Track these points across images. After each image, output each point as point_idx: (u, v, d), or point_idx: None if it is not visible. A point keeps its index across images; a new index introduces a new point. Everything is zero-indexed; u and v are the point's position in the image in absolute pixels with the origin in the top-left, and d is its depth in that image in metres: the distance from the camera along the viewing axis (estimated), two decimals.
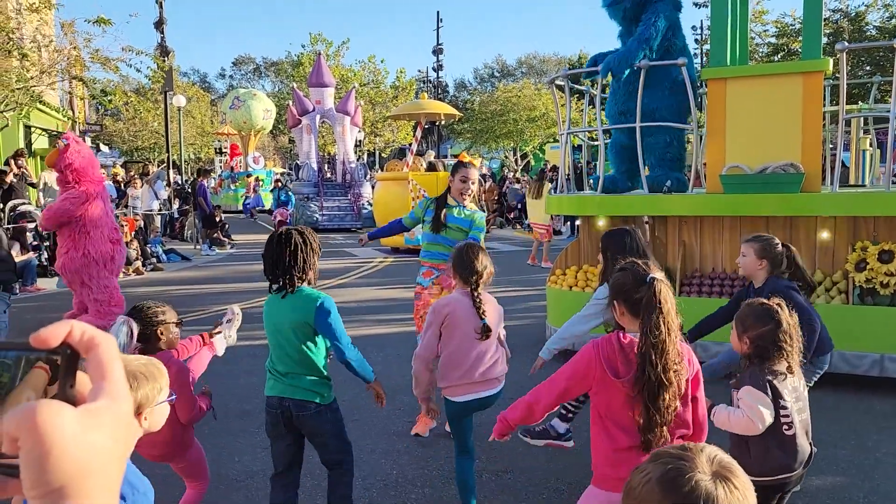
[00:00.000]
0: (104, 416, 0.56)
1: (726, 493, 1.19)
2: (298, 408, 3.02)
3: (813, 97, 5.80)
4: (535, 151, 37.72)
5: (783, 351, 2.65)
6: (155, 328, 2.99)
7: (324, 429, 3.07)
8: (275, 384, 3.10)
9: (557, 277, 6.96)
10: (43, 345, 0.57)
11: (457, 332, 3.31)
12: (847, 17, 22.48)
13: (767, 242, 3.78)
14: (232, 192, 30.36)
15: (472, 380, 3.34)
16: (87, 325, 0.59)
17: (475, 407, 3.43)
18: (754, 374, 2.65)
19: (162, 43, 24.23)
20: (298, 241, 3.01)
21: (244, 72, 66.63)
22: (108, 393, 0.58)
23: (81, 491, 0.52)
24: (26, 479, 0.52)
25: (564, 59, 57.93)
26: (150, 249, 13.98)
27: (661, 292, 2.21)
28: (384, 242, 15.79)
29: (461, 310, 3.31)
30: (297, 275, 3.01)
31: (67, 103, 26.28)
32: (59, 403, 0.54)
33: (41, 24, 14.74)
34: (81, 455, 0.53)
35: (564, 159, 7.18)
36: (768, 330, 2.67)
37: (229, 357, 6.91)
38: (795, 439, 2.70)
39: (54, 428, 0.52)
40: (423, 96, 22.07)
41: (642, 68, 6.13)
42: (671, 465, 1.24)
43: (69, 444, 0.53)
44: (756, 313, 2.73)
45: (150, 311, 3.02)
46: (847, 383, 5.54)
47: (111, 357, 0.59)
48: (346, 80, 32.83)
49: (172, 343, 3.09)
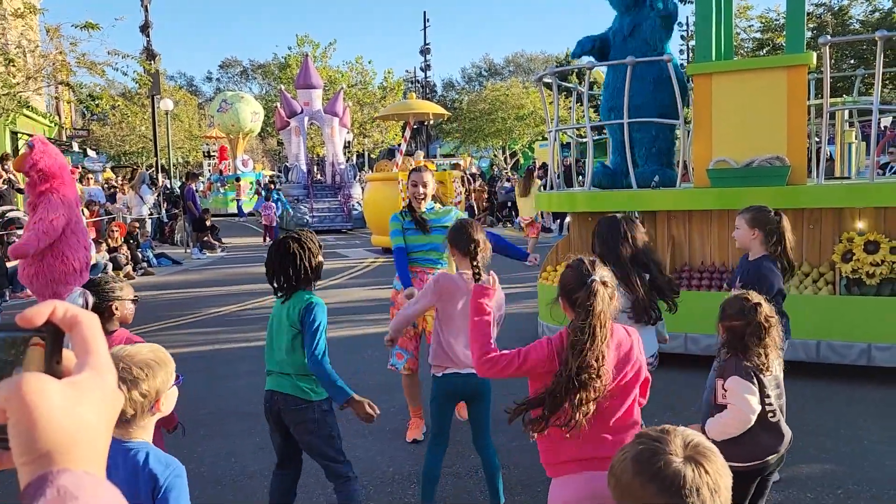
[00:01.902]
0: (88, 387, 0.59)
1: (695, 475, 1.23)
2: (285, 402, 3.10)
3: (797, 91, 5.87)
4: (524, 150, 37.80)
5: (755, 347, 2.70)
6: (110, 303, 3.06)
7: (308, 427, 3.10)
8: (268, 379, 3.20)
9: (549, 274, 7.01)
10: (28, 324, 0.61)
11: (453, 308, 3.35)
12: (830, 12, 22.67)
13: (759, 211, 3.73)
14: (221, 196, 30.27)
15: (457, 356, 3.37)
16: (69, 304, 0.62)
17: (458, 388, 3.42)
18: (739, 364, 2.70)
19: (148, 46, 24.15)
20: (297, 250, 3.08)
21: (231, 74, 66.43)
22: (91, 366, 0.61)
23: (67, 456, 0.56)
24: (15, 447, 0.55)
25: (552, 58, 58.05)
26: (141, 254, 13.94)
27: (596, 294, 2.23)
28: (374, 243, 15.83)
29: (460, 288, 3.36)
30: (294, 282, 3.10)
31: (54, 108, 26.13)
32: (45, 376, 0.57)
33: (26, 29, 14.66)
34: (67, 424, 0.56)
35: (553, 157, 7.24)
36: (740, 325, 2.72)
37: (229, 358, 6.95)
38: (780, 424, 2.78)
39: (40, 399, 0.55)
40: (411, 96, 22.09)
41: (629, 65, 6.19)
42: (646, 445, 1.29)
43: (54, 414, 0.55)
44: (735, 307, 2.77)
45: (108, 287, 3.10)
46: (835, 373, 5.62)
47: (94, 333, 0.62)
48: (334, 82, 32.79)
49: (126, 319, 3.16)
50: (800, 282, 5.90)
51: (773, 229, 3.63)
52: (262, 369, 3.37)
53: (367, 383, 5.86)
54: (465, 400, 3.53)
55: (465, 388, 3.43)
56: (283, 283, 3.12)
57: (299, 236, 3.16)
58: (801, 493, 3.74)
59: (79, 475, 0.55)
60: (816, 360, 5.62)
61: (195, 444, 4.62)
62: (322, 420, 3.11)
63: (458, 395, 3.49)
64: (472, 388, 3.42)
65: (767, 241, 3.65)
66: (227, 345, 7.53)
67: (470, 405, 3.54)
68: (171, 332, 8.12)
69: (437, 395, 3.47)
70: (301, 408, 3.07)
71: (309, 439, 3.12)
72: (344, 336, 7.29)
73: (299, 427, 3.11)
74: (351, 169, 22.84)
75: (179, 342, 7.61)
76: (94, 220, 13.51)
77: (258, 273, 13.15)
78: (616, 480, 1.33)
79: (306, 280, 3.12)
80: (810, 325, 5.55)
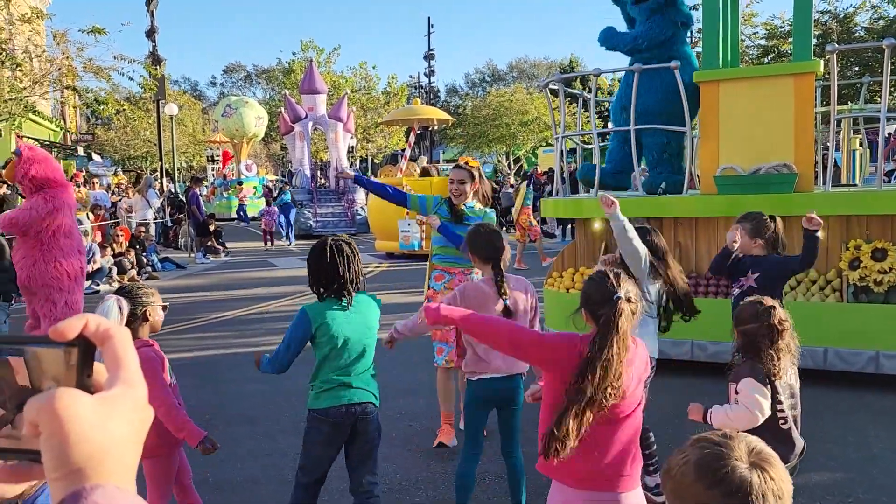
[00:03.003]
0: (120, 402, 0.60)
1: (762, 482, 1.22)
2: (364, 411, 3.07)
3: (804, 98, 5.87)
4: (528, 155, 37.84)
5: (771, 351, 2.71)
6: (144, 308, 3.03)
7: (378, 434, 3.14)
8: (343, 393, 3.06)
9: (555, 280, 7.00)
10: (61, 338, 0.61)
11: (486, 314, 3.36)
12: (836, 19, 22.68)
13: (757, 221, 3.95)
14: (225, 200, 30.31)
15: (489, 361, 3.36)
16: (101, 318, 0.63)
17: (491, 394, 3.42)
18: (754, 366, 2.71)
19: (154, 52, 24.22)
20: (348, 252, 3.05)
21: (235, 79, 66.57)
22: (123, 381, 0.61)
23: (99, 471, 0.56)
24: (48, 462, 0.56)
25: (555, 63, 58.12)
26: (145, 258, 13.96)
27: (622, 313, 2.23)
28: (378, 248, 15.82)
29: (487, 295, 3.36)
30: (351, 286, 3.06)
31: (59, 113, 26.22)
32: (76, 391, 0.58)
33: (33, 34, 14.73)
34: (99, 439, 0.56)
35: (559, 163, 7.24)
36: (754, 328, 2.75)
37: (232, 363, 6.95)
38: (791, 433, 2.78)
39: (72, 414, 0.56)
40: (415, 101, 22.13)
41: (636, 72, 6.19)
42: (709, 449, 1.28)
43: (87, 429, 0.56)
44: (750, 312, 2.80)
45: (141, 292, 3.07)
46: (843, 381, 5.60)
47: (125, 347, 0.63)
48: (338, 87, 32.87)
49: (156, 326, 3.12)
50: (807, 289, 5.88)
51: (772, 234, 3.95)
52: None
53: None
54: (497, 406, 3.50)
55: (498, 394, 3.43)
56: (337, 287, 3.03)
57: (349, 241, 3.13)
58: (810, 501, 3.72)
59: (111, 490, 0.55)
60: (824, 367, 5.60)
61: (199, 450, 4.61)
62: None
63: (491, 401, 3.48)
64: (505, 394, 3.43)
65: (766, 247, 3.95)
66: (231, 350, 7.53)
67: (501, 412, 3.52)
68: (175, 337, 8.12)
69: (471, 400, 3.47)
70: (376, 415, 3.12)
71: (375, 445, 3.14)
72: None
73: (373, 434, 3.11)
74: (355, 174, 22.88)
75: (183, 347, 7.61)
76: (99, 225, 13.53)
77: (262, 277, 13.19)
78: (675, 483, 1.32)
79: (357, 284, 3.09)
80: (818, 333, 5.53)
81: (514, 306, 3.38)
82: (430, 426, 4.93)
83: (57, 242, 7.11)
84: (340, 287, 3.03)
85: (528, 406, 3.40)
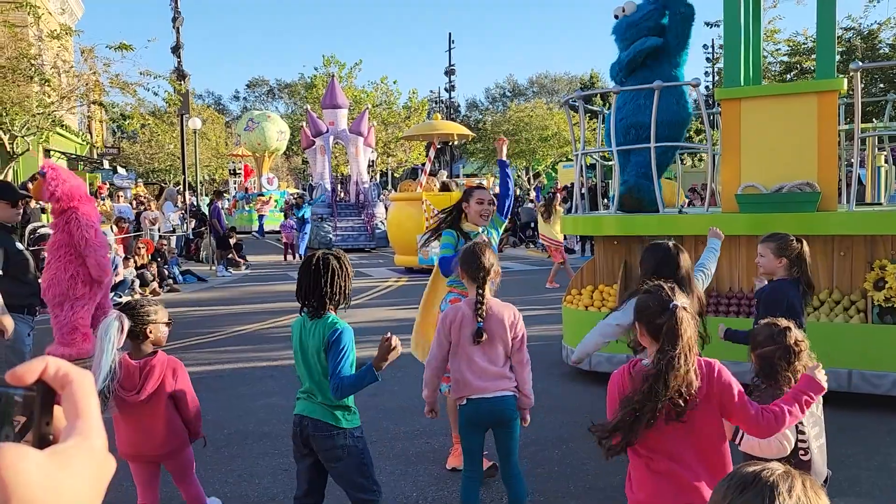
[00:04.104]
0: (73, 455, 0.55)
1: None
2: (315, 428, 3.01)
3: (828, 116, 5.81)
4: (548, 170, 37.80)
5: (787, 373, 2.66)
6: (145, 326, 3.12)
7: (338, 454, 3.01)
8: (297, 403, 3.12)
9: (573, 297, 6.96)
10: (19, 382, 0.57)
11: (461, 337, 3.34)
12: (860, 36, 22.47)
13: (783, 240, 3.85)
14: (246, 214, 30.58)
15: (468, 383, 3.33)
16: (61, 362, 0.59)
17: (481, 416, 3.36)
18: (775, 394, 2.66)
19: (178, 67, 24.59)
20: (335, 266, 3.01)
21: (258, 94, 67.35)
22: (79, 431, 0.57)
23: None
24: None
25: (576, 79, 58.15)
26: (167, 271, 14.10)
27: (682, 321, 2.24)
28: (398, 262, 15.86)
29: (466, 316, 3.34)
30: (327, 300, 3.00)
31: (86, 127, 26.66)
32: (23, 448, 0.53)
33: (62, 50, 15.02)
34: (46, 499, 0.52)
35: (579, 179, 7.21)
36: (770, 350, 2.72)
37: (252, 378, 6.97)
38: (811, 464, 2.72)
39: (17, 473, 0.51)
40: (436, 117, 22.23)
41: (655, 89, 6.17)
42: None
43: (33, 491, 0.51)
44: (764, 334, 2.77)
45: (143, 310, 3.14)
46: (868, 403, 5.49)
47: (85, 393, 0.59)
48: (359, 101, 33.13)
49: (160, 341, 3.22)
50: (830, 310, 5.79)
51: (797, 256, 3.82)
52: (285, 389, 3.37)
53: (388, 405, 5.85)
54: (491, 426, 3.44)
55: (488, 415, 3.37)
56: (313, 301, 3.01)
57: (339, 255, 3.08)
58: None
59: None
60: (848, 390, 5.50)
61: (219, 465, 4.63)
62: (356, 448, 3.04)
63: (482, 423, 3.42)
64: (495, 414, 3.37)
65: (790, 267, 3.82)
66: (250, 363, 7.56)
67: (496, 432, 3.46)
68: (194, 351, 8.17)
69: (464, 423, 3.44)
70: (337, 434, 3.00)
71: (343, 470, 3.03)
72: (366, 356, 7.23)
73: (332, 455, 3.02)
74: (374, 188, 22.99)
75: (203, 360, 7.65)
76: (123, 237, 13.70)
77: (282, 291, 13.24)
78: None
79: (338, 301, 3.04)
80: (841, 355, 5.44)
81: (488, 330, 3.30)
82: (446, 444, 4.90)
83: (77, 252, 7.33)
84: (318, 301, 3.00)
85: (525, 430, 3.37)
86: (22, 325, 4.73)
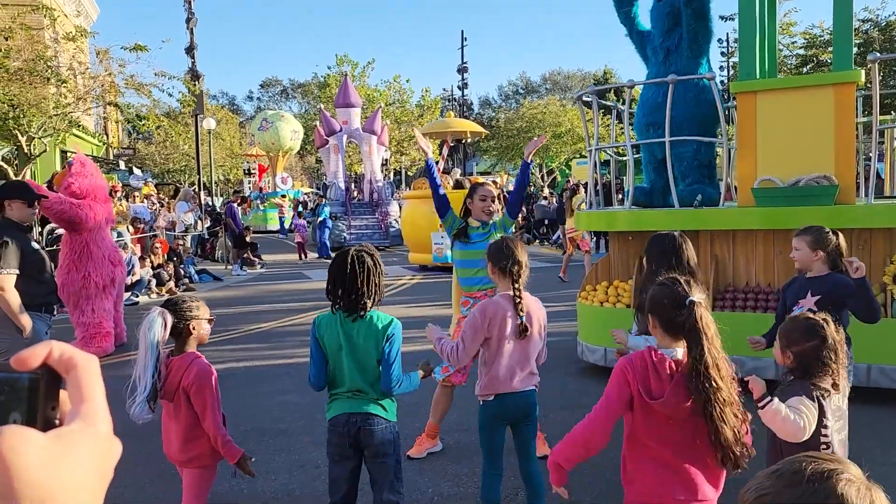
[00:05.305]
0: (76, 440, 0.55)
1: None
2: (369, 422, 2.98)
3: (845, 108, 5.74)
4: (562, 167, 37.67)
5: (828, 367, 2.60)
6: (188, 322, 2.99)
7: (388, 449, 3.01)
8: (336, 403, 3.05)
9: (588, 293, 6.93)
10: (23, 366, 0.57)
11: (501, 333, 3.29)
12: (877, 27, 22.20)
13: (819, 233, 3.72)
14: (261, 213, 30.74)
15: (503, 378, 3.32)
16: (66, 346, 0.59)
17: (508, 410, 3.36)
18: (804, 385, 2.61)
19: (192, 67, 24.73)
20: (370, 264, 2.98)
21: (272, 94, 67.68)
22: (83, 416, 0.57)
23: None
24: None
25: (589, 75, 57.90)
26: (183, 270, 14.20)
27: (702, 318, 2.20)
28: (412, 260, 15.86)
29: (507, 311, 3.29)
30: (366, 299, 2.96)
31: (102, 128, 26.89)
32: (26, 430, 0.53)
33: (77, 51, 15.15)
34: (48, 482, 0.52)
35: (593, 175, 7.18)
36: (812, 346, 2.63)
37: (267, 376, 7.01)
38: None
39: (18, 455, 0.51)
40: (448, 114, 22.22)
41: (670, 83, 6.13)
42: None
43: (32, 472, 0.51)
44: (801, 328, 2.68)
45: (185, 305, 3.02)
46: (887, 398, 5.43)
47: (90, 377, 0.59)
48: (372, 100, 33.17)
49: (202, 339, 3.09)
50: None
51: (834, 249, 3.70)
52: (300, 387, 3.36)
53: (402, 401, 5.84)
54: (512, 422, 3.44)
55: (517, 409, 3.38)
56: (352, 298, 2.96)
57: (371, 251, 3.05)
58: None
59: None
60: (867, 384, 5.44)
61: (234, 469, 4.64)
62: (398, 442, 3.06)
63: (507, 417, 3.41)
64: (522, 409, 3.38)
65: (828, 259, 3.70)
66: (266, 361, 7.59)
67: (515, 428, 3.46)
68: (210, 349, 8.21)
69: (487, 419, 3.41)
70: (385, 426, 3.00)
71: (387, 461, 3.02)
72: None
73: (381, 448, 2.99)
74: (388, 186, 23.02)
75: (218, 358, 7.69)
76: (139, 237, 13.81)
77: (297, 290, 13.29)
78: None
79: (374, 298, 2.99)
80: (861, 349, 5.33)
81: (529, 323, 3.31)
82: (461, 440, 4.90)
83: (89, 253, 7.42)
84: (356, 299, 2.95)
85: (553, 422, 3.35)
86: (39, 324, 4.78)
